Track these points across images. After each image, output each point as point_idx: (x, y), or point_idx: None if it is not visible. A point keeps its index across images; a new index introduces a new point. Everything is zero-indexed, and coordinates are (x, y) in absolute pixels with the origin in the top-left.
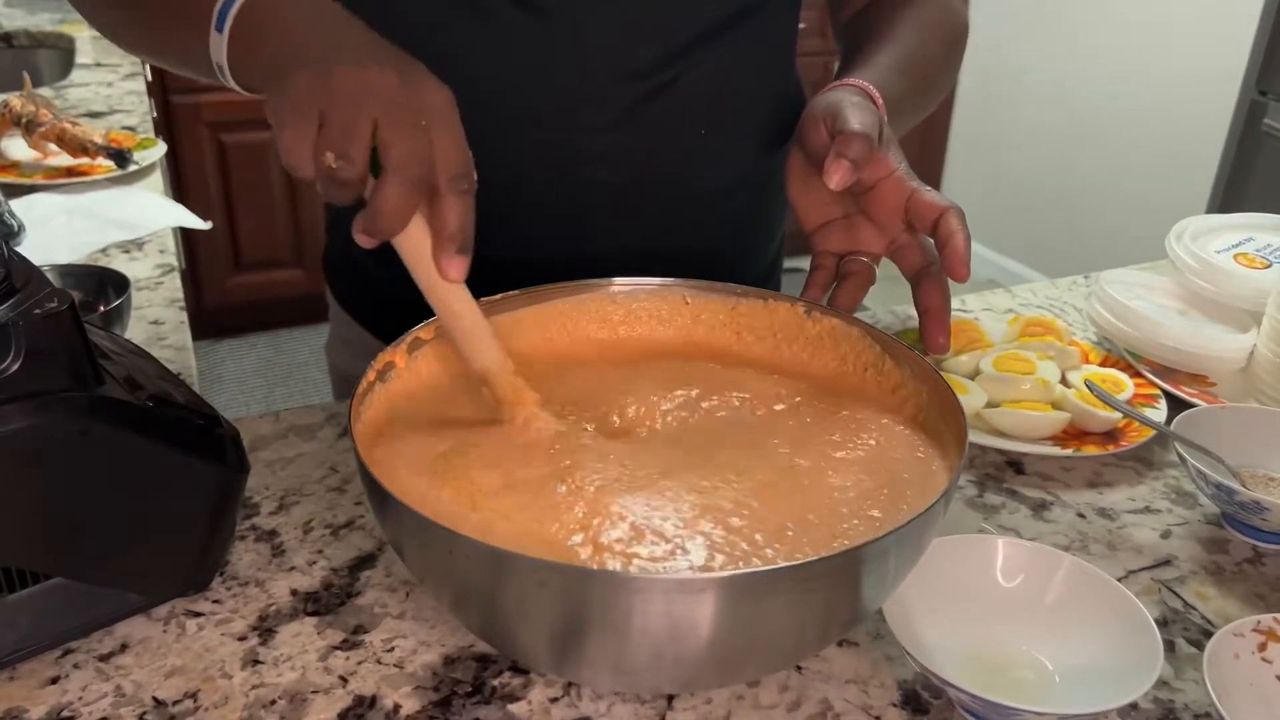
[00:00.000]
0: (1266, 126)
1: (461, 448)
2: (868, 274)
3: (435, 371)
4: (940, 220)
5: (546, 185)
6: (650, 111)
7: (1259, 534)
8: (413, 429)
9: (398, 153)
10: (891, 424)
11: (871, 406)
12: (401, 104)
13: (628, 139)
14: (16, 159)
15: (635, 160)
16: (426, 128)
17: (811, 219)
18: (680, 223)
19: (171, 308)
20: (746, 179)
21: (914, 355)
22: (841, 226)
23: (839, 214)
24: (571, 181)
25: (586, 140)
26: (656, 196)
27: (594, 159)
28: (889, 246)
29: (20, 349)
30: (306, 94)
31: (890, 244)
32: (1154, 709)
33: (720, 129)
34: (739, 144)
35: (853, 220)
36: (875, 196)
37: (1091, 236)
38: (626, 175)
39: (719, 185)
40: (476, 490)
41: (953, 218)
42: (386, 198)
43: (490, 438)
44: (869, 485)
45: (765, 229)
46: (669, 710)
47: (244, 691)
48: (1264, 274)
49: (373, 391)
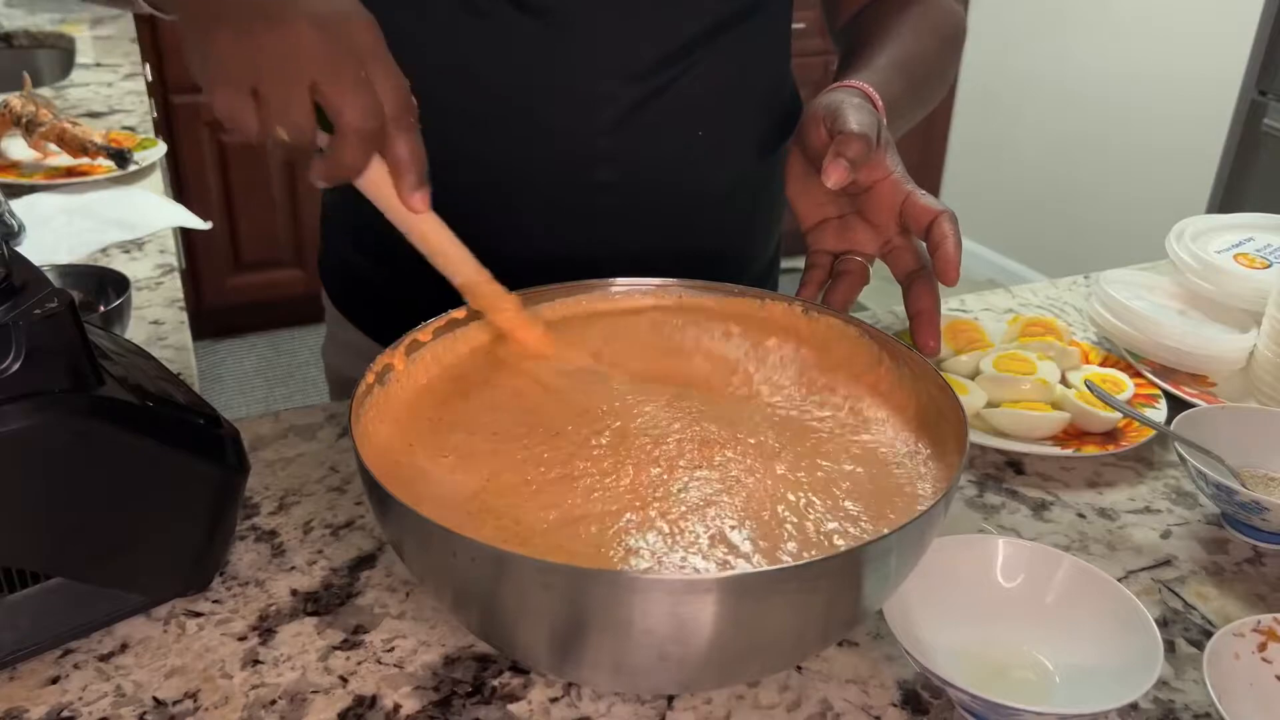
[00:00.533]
0: (1266, 126)
1: (495, 483)
2: (862, 273)
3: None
4: (934, 224)
5: (547, 187)
6: (651, 113)
7: (1259, 534)
8: (434, 457)
9: (348, 114)
10: (891, 423)
11: (871, 406)
12: (335, 58)
13: (629, 140)
14: (16, 159)
15: (636, 161)
16: (366, 78)
17: (808, 218)
18: (679, 223)
19: (171, 308)
20: (745, 179)
21: (913, 355)
22: (837, 226)
23: (835, 214)
24: (572, 183)
25: (588, 142)
26: (656, 197)
27: (596, 160)
28: (883, 248)
29: (20, 349)
30: (236, 61)
31: (884, 245)
32: (1154, 709)
33: (719, 130)
34: (738, 145)
35: (848, 220)
36: (871, 197)
37: (1091, 236)
38: (627, 176)
39: (718, 186)
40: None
41: (945, 222)
42: (343, 155)
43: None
44: (866, 484)
45: (764, 229)
46: (669, 710)
47: (244, 691)
48: (1264, 274)
49: (372, 394)
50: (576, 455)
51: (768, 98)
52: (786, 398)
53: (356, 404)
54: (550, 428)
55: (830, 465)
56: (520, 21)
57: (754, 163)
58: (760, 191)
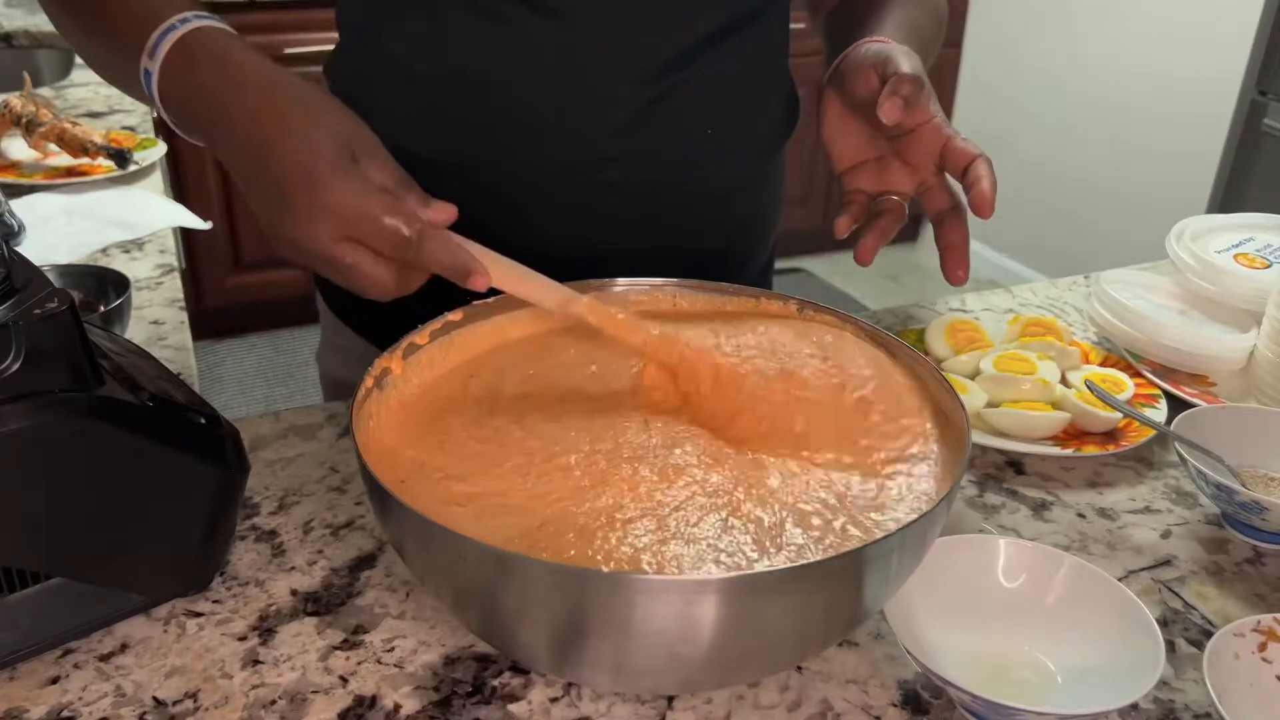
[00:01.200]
0: (1266, 126)
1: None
2: (899, 212)
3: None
4: (971, 165)
5: (555, 187)
6: (660, 113)
7: (1259, 534)
8: (433, 458)
9: (384, 280)
10: (890, 420)
11: (870, 404)
12: (386, 233)
13: (638, 141)
14: (17, 159)
15: (644, 162)
16: (416, 233)
17: (846, 159)
18: (683, 223)
19: (171, 308)
20: (749, 179)
21: (913, 353)
22: (874, 167)
23: (872, 155)
24: (580, 183)
25: (597, 143)
26: (662, 197)
27: (604, 161)
28: (918, 187)
29: (20, 349)
30: (290, 249)
31: (919, 185)
32: (1154, 709)
33: (726, 129)
34: (743, 144)
35: (885, 161)
36: (913, 140)
37: (1091, 236)
38: (635, 177)
39: (723, 185)
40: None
41: (982, 164)
42: (406, 289)
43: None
44: (862, 481)
45: (763, 229)
46: (669, 710)
47: (244, 691)
48: (1264, 274)
49: (370, 398)
50: (573, 452)
51: (771, 97)
52: (783, 394)
53: (356, 408)
54: (552, 430)
55: (832, 458)
56: (532, 23)
57: (757, 162)
58: (761, 190)
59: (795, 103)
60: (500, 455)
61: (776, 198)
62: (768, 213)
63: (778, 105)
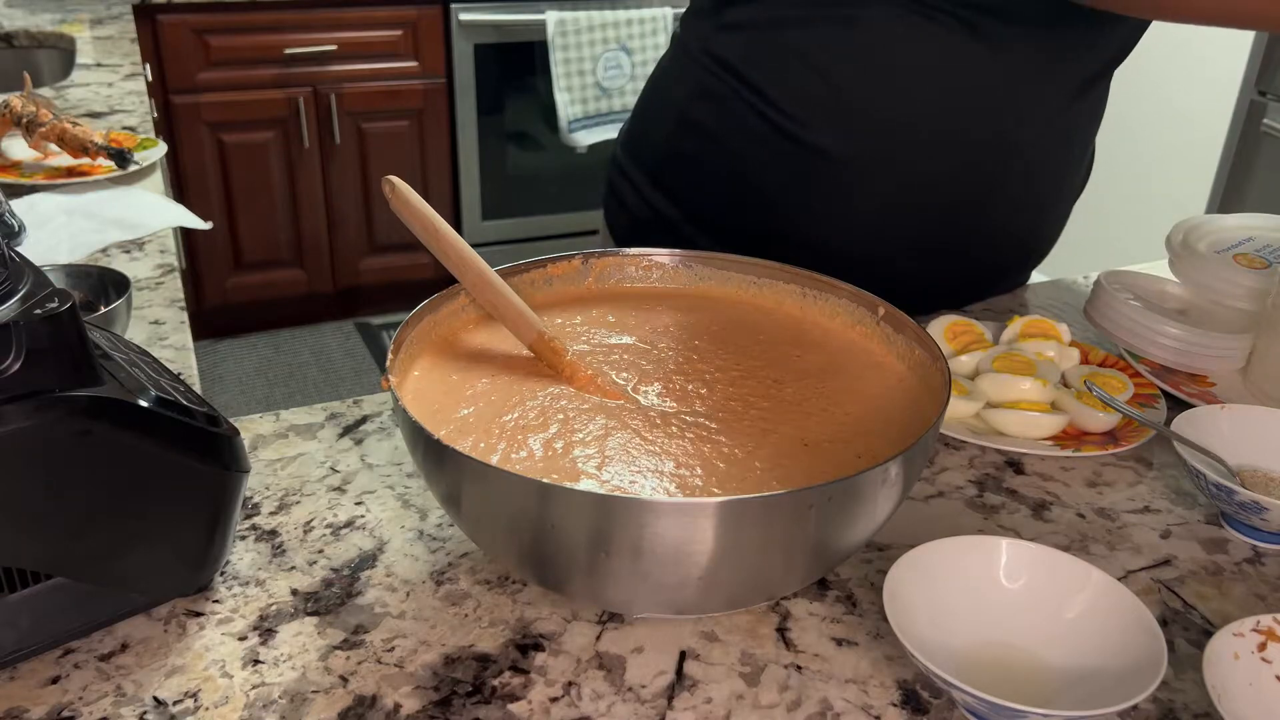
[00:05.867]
0: (1266, 126)
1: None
2: None
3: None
4: None
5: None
6: (1039, 149)
7: (1259, 534)
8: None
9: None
10: (884, 372)
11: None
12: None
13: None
14: (17, 159)
15: (995, 197)
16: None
17: None
18: (981, 254)
19: (171, 308)
20: (1053, 223)
21: (902, 315)
22: None
23: None
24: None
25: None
26: (993, 227)
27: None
28: None
29: (20, 349)
30: None
31: None
32: (1154, 709)
33: (1062, 174)
34: (1067, 190)
35: None
36: None
37: (1091, 236)
38: (985, 203)
39: (1032, 223)
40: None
41: None
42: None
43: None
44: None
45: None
46: (669, 710)
47: (244, 691)
48: (1264, 274)
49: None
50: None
51: (1089, 149)
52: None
53: (392, 359)
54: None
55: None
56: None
57: (1066, 205)
58: (1046, 229)
59: (1091, 160)
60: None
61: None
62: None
63: (1087, 159)
